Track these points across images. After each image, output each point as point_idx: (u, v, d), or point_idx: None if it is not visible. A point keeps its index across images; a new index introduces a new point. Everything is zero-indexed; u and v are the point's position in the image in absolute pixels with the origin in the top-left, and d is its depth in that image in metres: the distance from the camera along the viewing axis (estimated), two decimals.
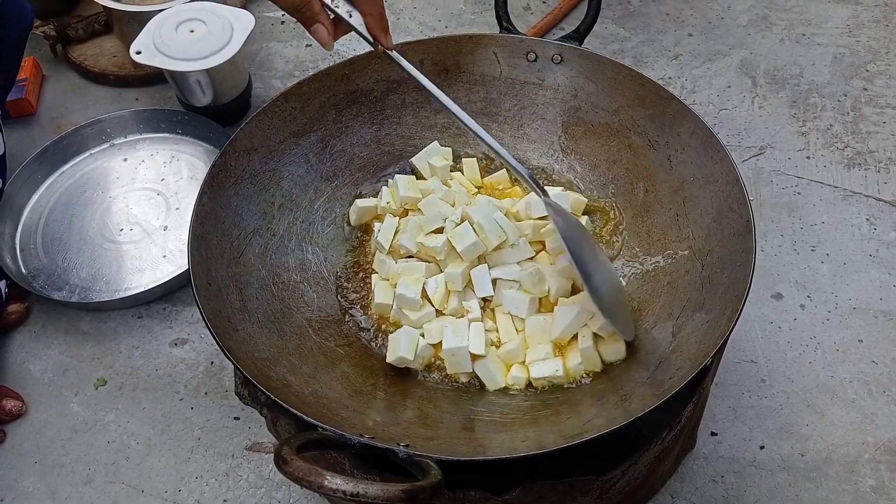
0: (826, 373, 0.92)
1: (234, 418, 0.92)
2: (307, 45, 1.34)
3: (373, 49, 0.75)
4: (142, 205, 1.11)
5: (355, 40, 1.34)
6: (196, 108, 1.19)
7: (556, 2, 1.36)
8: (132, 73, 1.28)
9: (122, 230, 1.08)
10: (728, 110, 1.20)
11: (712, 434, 0.88)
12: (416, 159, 0.92)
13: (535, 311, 0.79)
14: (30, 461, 0.90)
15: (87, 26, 1.31)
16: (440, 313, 0.80)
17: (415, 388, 0.77)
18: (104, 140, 1.18)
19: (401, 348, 0.76)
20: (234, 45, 1.10)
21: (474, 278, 0.80)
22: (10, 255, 1.05)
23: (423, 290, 0.80)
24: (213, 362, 0.97)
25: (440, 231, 0.82)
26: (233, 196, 0.82)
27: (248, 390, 0.73)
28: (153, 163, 1.16)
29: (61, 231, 1.08)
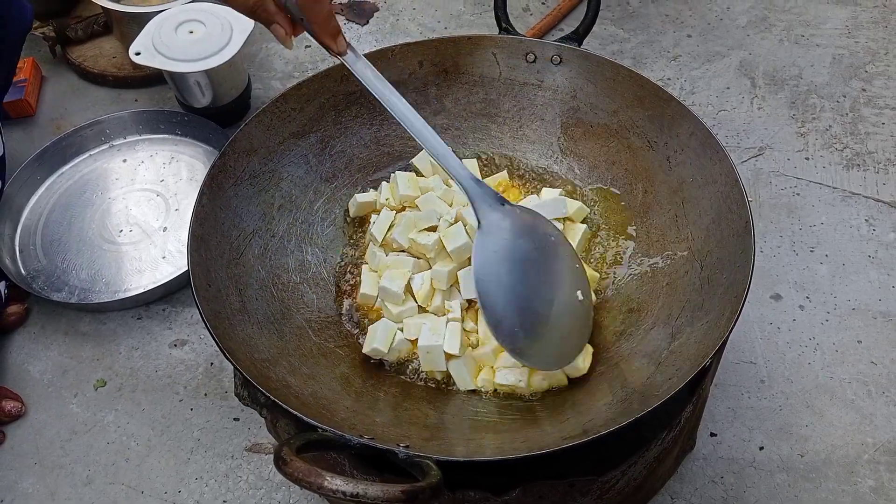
0: (825, 373, 0.92)
1: (234, 419, 0.92)
2: (307, 47, 1.34)
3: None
4: (141, 206, 1.11)
5: (354, 41, 1.35)
6: (195, 109, 1.19)
7: (556, 3, 1.36)
8: (131, 74, 1.28)
9: (122, 231, 1.08)
10: (727, 111, 1.20)
11: (712, 435, 0.88)
12: (417, 160, 0.92)
13: None
14: (29, 462, 0.90)
15: (87, 27, 1.31)
16: (423, 310, 0.80)
17: (414, 389, 0.77)
18: (103, 141, 1.18)
19: (376, 340, 0.77)
20: (234, 47, 1.10)
21: (461, 279, 0.79)
22: (10, 256, 1.05)
23: (409, 285, 0.80)
24: (212, 363, 0.97)
25: (434, 229, 0.83)
26: (232, 197, 0.82)
27: (248, 391, 0.73)
28: (152, 164, 1.16)
29: (61, 232, 1.08)
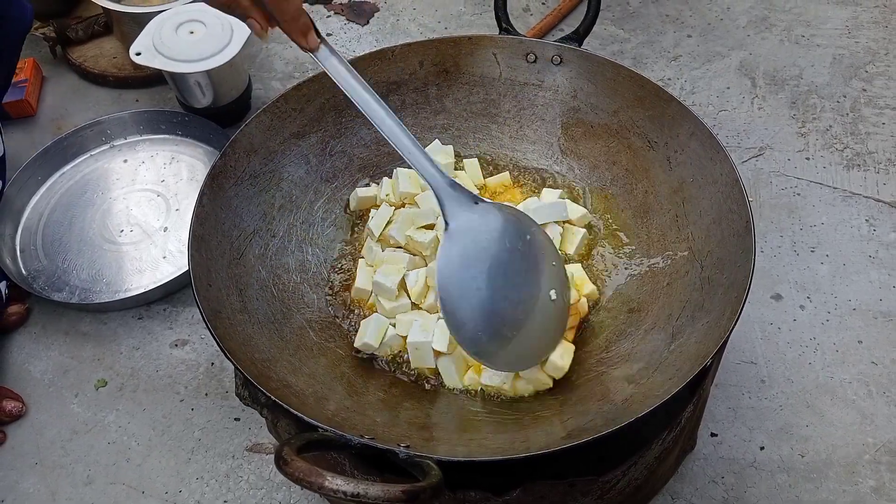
0: (826, 374, 0.92)
1: (235, 419, 0.92)
2: None
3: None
4: (142, 206, 1.11)
5: (354, 41, 1.35)
6: (196, 109, 1.19)
7: (556, 3, 1.36)
8: (132, 75, 1.28)
9: (123, 231, 1.08)
10: (727, 111, 1.20)
11: (712, 435, 0.88)
12: None
13: None
14: (30, 462, 0.90)
15: (87, 28, 1.31)
16: (416, 307, 0.80)
17: (415, 390, 0.77)
18: (104, 141, 1.18)
19: (367, 335, 0.77)
20: (234, 47, 1.10)
21: None
22: (11, 256, 1.05)
23: (403, 281, 0.80)
24: (213, 363, 0.97)
25: (431, 227, 0.83)
26: (233, 197, 0.82)
27: (249, 391, 0.73)
28: (153, 164, 1.16)
29: (61, 232, 1.09)
